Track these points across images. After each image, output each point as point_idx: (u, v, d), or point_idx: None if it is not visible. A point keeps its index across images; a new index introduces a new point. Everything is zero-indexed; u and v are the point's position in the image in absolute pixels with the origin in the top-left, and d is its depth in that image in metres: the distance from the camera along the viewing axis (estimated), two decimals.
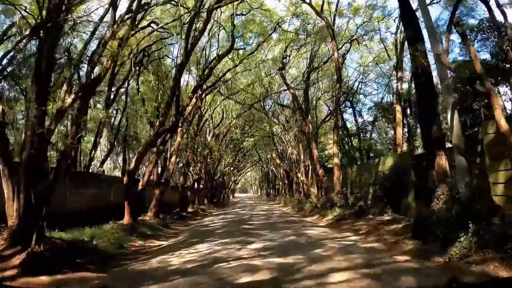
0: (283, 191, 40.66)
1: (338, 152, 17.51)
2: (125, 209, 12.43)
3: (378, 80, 27.91)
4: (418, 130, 17.21)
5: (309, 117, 18.36)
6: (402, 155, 14.39)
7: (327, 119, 29.50)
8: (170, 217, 16.97)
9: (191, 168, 25.25)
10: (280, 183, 43.73)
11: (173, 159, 16.48)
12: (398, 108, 18.08)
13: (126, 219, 12.34)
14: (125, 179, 12.57)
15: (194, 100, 17.03)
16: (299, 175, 23.62)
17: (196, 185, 35.82)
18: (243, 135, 36.99)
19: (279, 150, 33.54)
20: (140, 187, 13.22)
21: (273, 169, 44.64)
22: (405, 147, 19.30)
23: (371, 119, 25.25)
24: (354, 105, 25.39)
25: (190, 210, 23.35)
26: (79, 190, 12.23)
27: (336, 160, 17.09)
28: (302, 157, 26.23)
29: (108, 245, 8.54)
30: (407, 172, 13.18)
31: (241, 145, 38.58)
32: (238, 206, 32.04)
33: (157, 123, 12.51)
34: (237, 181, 72.31)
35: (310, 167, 25.65)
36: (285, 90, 28.19)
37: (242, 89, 26.40)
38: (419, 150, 18.60)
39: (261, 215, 17.00)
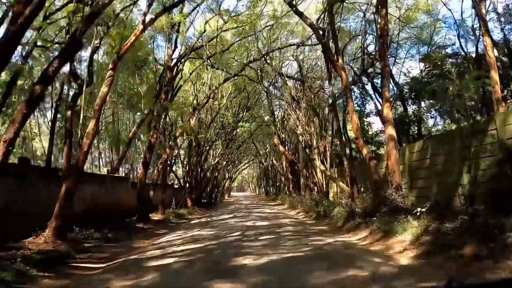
0: (286, 189, 33.24)
1: (391, 117, 10.11)
2: None
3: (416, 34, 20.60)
4: None
5: (340, 61, 10.95)
6: None
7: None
8: (103, 234, 9.56)
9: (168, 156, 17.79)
10: (283, 178, 36.29)
11: (90, 126, 8.88)
12: (487, 41, 10.76)
13: None
14: None
15: (140, 27, 9.65)
16: (316, 162, 16.14)
17: (177, 182, 28.51)
18: (237, 122, 29.57)
19: (281, 137, 26.04)
20: None
21: (274, 162, 37.16)
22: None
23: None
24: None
25: (156, 217, 15.89)
26: None
27: (391, 131, 9.70)
28: (315, 141, 18.86)
29: None
30: None
31: (235, 133, 31.10)
32: (231, 208, 24.56)
33: None
34: (232, 178, 64.81)
35: (328, 153, 18.30)
36: (286, 47, 20.86)
37: (229, 49, 19.02)
38: None
39: (262, 231, 9.50)
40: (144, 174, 14.41)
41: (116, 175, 15.91)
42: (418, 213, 7.39)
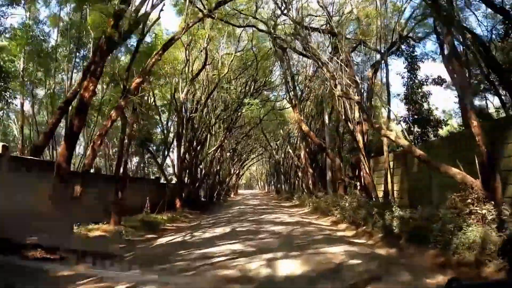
0: (304, 186, 26.43)
1: None
2: None
3: None
4: None
5: None
6: None
7: None
8: None
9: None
10: (299, 173, 29.48)
11: None
12: None
13: None
14: None
15: None
16: (390, 134, 8.95)
17: (163, 177, 21.92)
18: (243, 98, 22.84)
19: (302, 115, 19.09)
20: None
21: (289, 151, 30.27)
22: None
23: None
24: None
25: (99, 231, 9.34)
26: None
27: None
28: (356, 113, 12.14)
29: None
30: None
31: (239, 114, 24.36)
32: (233, 213, 17.84)
33: None
34: (240, 175, 58.03)
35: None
36: None
37: None
38: None
39: None
40: (66, 155, 7.79)
41: (31, 157, 9.31)
42: None
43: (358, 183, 13.27)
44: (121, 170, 10.84)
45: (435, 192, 10.28)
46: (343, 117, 12.51)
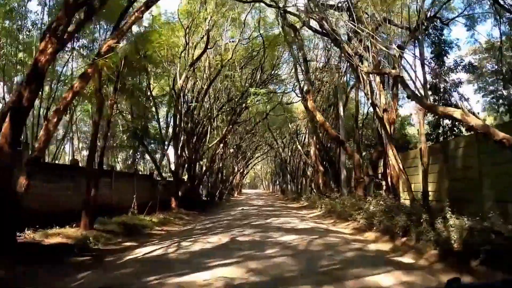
0: (313, 186, 24.26)
1: None
2: None
3: None
4: None
5: None
6: None
7: None
8: None
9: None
10: (308, 172, 27.28)
11: None
12: None
13: None
14: None
15: None
16: (450, 110, 6.61)
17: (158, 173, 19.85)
18: (248, 87, 20.72)
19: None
20: None
21: (298, 147, 27.98)
22: None
23: None
24: None
25: (59, 238, 7.30)
26: None
27: None
28: (383, 99, 10.00)
29: None
30: None
31: (243, 106, 22.22)
32: (234, 215, 15.74)
33: None
34: (244, 174, 55.83)
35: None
36: None
37: None
38: None
39: None
40: (10, 136, 5.76)
41: None
42: None
43: (383, 183, 11.12)
44: (97, 161, 8.80)
45: (487, 194, 8.16)
46: (370, 100, 10.35)
